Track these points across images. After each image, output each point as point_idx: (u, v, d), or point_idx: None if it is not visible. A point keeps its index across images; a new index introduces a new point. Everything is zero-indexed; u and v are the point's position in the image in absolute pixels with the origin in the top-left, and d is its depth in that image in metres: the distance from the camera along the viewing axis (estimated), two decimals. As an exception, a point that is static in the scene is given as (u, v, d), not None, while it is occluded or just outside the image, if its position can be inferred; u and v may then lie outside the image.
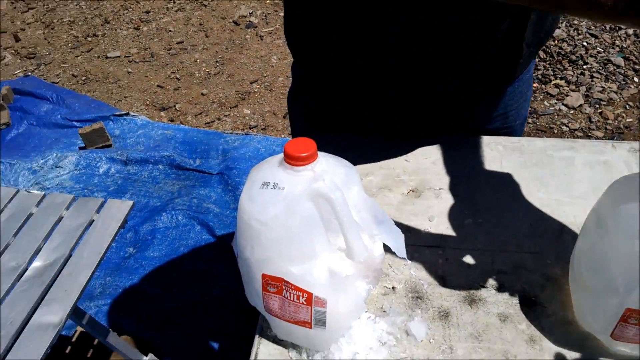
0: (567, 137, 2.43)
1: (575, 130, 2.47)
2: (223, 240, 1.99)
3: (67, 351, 1.59)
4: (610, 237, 0.61)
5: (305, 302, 0.60)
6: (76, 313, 1.15)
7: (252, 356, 0.67)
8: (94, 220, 1.16)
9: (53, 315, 0.98)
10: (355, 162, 0.91)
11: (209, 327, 1.74)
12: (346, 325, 0.64)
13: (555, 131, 2.48)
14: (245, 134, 2.50)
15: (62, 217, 1.18)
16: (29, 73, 3.24)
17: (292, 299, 0.60)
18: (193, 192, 2.18)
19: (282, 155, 0.62)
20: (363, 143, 0.97)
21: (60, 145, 2.51)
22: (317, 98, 1.01)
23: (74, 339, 1.63)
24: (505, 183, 0.88)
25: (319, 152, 0.62)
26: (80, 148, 2.49)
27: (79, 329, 1.64)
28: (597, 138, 2.41)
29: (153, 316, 1.76)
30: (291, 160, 0.60)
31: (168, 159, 2.34)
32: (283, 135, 2.57)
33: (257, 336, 0.69)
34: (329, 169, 0.62)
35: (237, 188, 2.16)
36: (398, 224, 0.79)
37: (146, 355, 1.47)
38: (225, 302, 1.80)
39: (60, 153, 2.42)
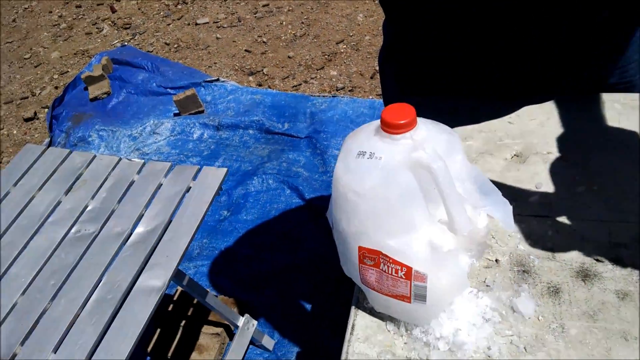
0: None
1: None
2: (312, 203, 2.00)
3: (169, 309, 1.69)
4: None
5: (404, 277, 0.57)
6: (177, 275, 1.20)
7: (349, 327, 0.66)
8: (190, 187, 1.19)
9: (156, 279, 1.03)
10: (452, 125, 0.86)
11: (301, 289, 1.77)
12: (447, 300, 0.61)
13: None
14: (333, 96, 2.47)
15: (161, 185, 1.22)
16: (126, 43, 3.38)
17: (390, 272, 0.58)
18: (282, 156, 2.20)
19: (378, 122, 0.59)
20: (461, 104, 0.92)
21: (156, 112, 2.61)
22: (411, 57, 0.96)
23: (175, 297, 1.72)
24: (624, 145, 0.80)
25: (418, 118, 0.58)
26: (175, 114, 2.58)
27: (180, 288, 1.73)
28: None
29: (247, 277, 1.82)
30: (389, 128, 0.56)
31: (257, 124, 2.37)
32: (371, 97, 2.52)
33: (353, 307, 0.68)
34: (429, 137, 0.58)
35: (325, 152, 2.15)
36: (501, 190, 0.74)
37: (242, 316, 1.53)
38: (316, 264, 1.82)
39: (157, 120, 2.52)
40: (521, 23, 0.78)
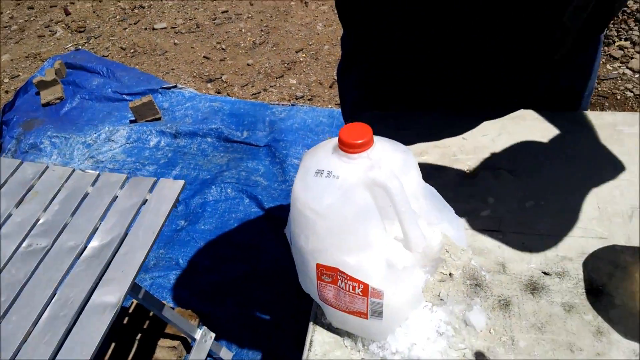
0: (632, 104, 2.29)
1: (640, 95, 2.33)
2: (271, 213, 2.00)
3: (124, 322, 1.65)
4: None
5: (361, 293, 0.58)
6: (132, 288, 1.18)
7: (307, 343, 0.67)
8: (147, 200, 1.17)
9: (111, 295, 1.01)
10: (409, 140, 0.89)
11: (261, 298, 1.76)
12: (403, 316, 0.63)
13: (619, 97, 2.34)
14: (292, 105, 2.48)
15: (117, 197, 1.20)
16: (80, 47, 3.30)
17: (347, 289, 0.59)
18: (241, 165, 2.19)
19: (335, 140, 0.60)
20: (417, 120, 0.94)
21: (112, 118, 2.56)
22: (368, 71, 0.98)
23: (130, 310, 1.69)
24: (570, 161, 0.83)
25: (374, 137, 0.59)
26: (131, 121, 2.53)
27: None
28: (664, 104, 2.26)
29: (206, 288, 1.80)
30: (346, 147, 0.58)
31: (216, 132, 2.35)
32: (330, 106, 2.54)
33: (311, 323, 0.69)
34: (385, 155, 0.59)
35: (285, 160, 2.15)
36: (454, 207, 0.76)
37: (199, 327, 1.51)
38: (275, 274, 1.81)
39: (112, 127, 2.47)
40: (484, 26, 0.79)
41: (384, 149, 0.60)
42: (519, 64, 0.87)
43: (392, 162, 0.59)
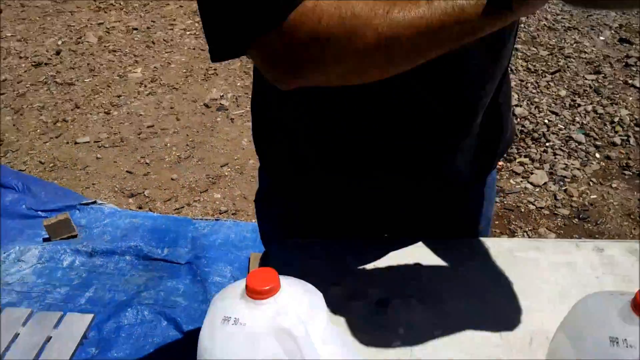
0: (535, 216, 2.48)
1: (541, 208, 2.52)
2: (190, 336, 1.91)
3: None
4: (580, 356, 0.61)
5: None
6: None
7: None
8: (51, 337, 1.10)
9: None
10: (320, 269, 0.91)
11: None
12: None
13: (523, 210, 2.52)
14: (216, 220, 2.48)
15: (18, 334, 1.12)
16: (-5, 161, 3.19)
17: None
18: (160, 284, 2.12)
19: (244, 284, 0.61)
20: (328, 249, 0.97)
21: (23, 237, 2.43)
22: (284, 203, 1.02)
23: None
24: (474, 288, 0.88)
25: (282, 279, 0.61)
26: (45, 240, 2.42)
27: None
28: (563, 216, 2.45)
29: None
30: (253, 294, 0.58)
31: (135, 249, 2.29)
32: (254, 220, 2.55)
33: None
34: (292, 299, 0.60)
35: (207, 279, 2.11)
36: (365, 338, 0.77)
37: None
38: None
39: (23, 246, 2.34)
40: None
41: (291, 293, 0.61)
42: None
43: (299, 306, 0.60)
